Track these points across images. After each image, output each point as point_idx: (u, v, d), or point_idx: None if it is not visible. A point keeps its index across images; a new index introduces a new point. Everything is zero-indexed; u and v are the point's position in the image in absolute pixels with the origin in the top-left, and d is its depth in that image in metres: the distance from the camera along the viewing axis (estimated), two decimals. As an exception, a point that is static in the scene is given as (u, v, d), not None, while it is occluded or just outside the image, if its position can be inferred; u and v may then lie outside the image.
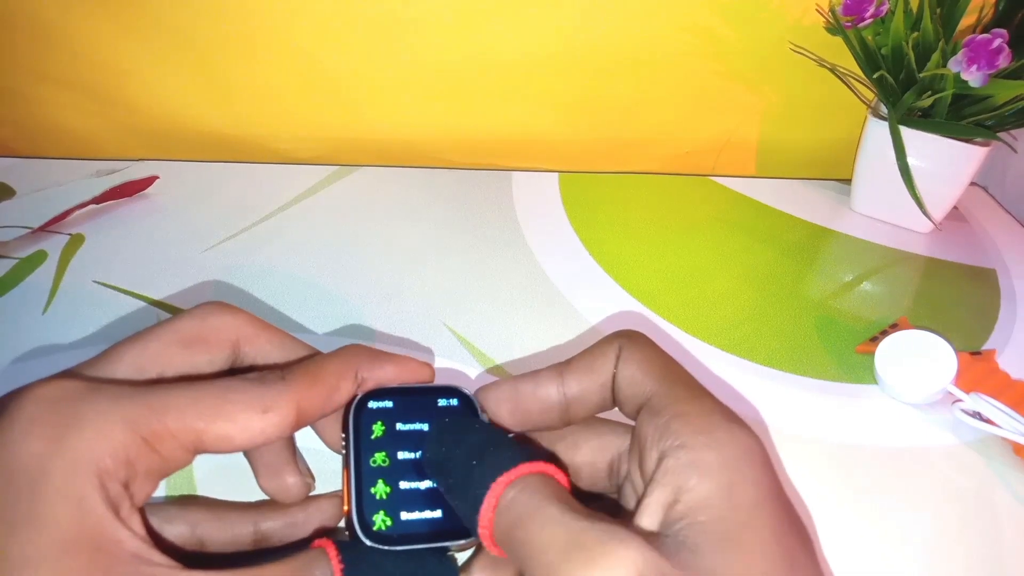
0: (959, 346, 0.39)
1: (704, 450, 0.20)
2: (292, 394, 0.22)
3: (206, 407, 0.20)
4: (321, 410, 0.23)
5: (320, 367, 0.23)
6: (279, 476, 0.25)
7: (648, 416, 0.22)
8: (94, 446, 0.19)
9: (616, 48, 0.59)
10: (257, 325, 0.25)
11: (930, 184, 0.51)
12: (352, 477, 0.23)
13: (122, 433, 0.19)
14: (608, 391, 0.24)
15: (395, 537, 0.22)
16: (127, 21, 0.57)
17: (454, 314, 0.44)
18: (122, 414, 0.19)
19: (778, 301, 0.47)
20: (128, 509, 0.19)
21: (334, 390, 0.23)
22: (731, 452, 0.20)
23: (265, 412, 0.21)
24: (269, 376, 0.22)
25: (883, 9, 0.47)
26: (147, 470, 0.20)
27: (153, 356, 0.23)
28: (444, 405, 0.25)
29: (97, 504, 0.18)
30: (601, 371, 0.24)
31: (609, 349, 0.24)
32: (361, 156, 0.62)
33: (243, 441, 0.21)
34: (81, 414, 0.19)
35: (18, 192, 0.54)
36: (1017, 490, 0.35)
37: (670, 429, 0.21)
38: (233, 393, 0.21)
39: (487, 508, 0.20)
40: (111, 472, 0.19)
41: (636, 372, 0.23)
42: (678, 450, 0.20)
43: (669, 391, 0.22)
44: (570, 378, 0.25)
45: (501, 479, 0.20)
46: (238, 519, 0.25)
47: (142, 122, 0.62)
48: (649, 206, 0.57)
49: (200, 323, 0.24)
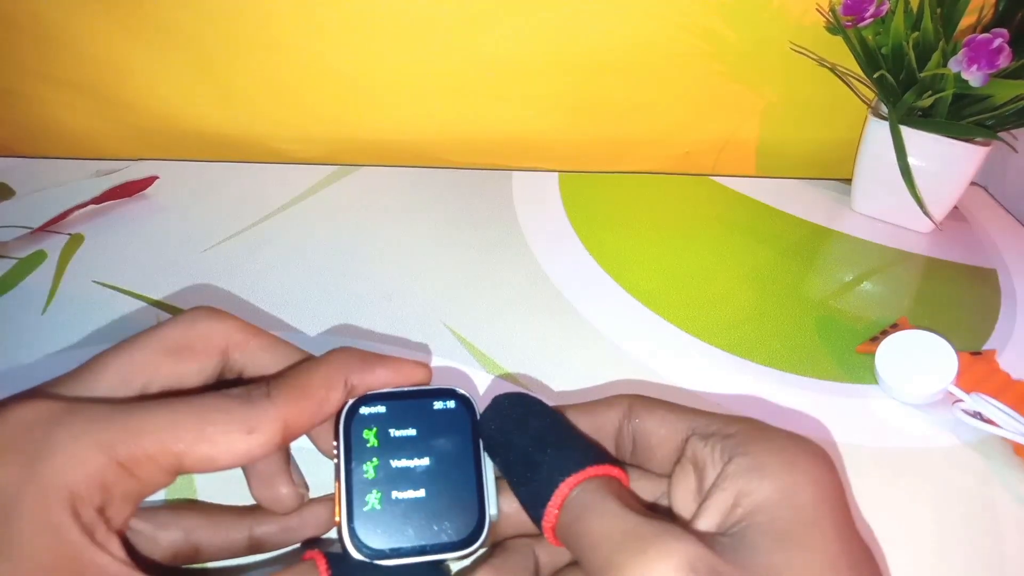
0: (959, 346, 0.39)
1: (765, 454, 0.20)
2: (278, 411, 0.21)
3: (186, 429, 0.20)
4: (310, 424, 0.22)
5: (308, 378, 0.23)
6: (272, 486, 0.25)
7: (701, 440, 0.22)
8: (67, 472, 0.18)
9: (616, 48, 0.59)
10: (247, 331, 0.25)
11: (930, 184, 0.51)
12: (343, 488, 0.22)
13: (96, 458, 0.19)
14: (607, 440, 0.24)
15: (386, 551, 0.22)
16: (127, 21, 0.57)
17: (454, 314, 0.44)
18: (97, 438, 0.19)
19: (778, 301, 0.47)
20: (104, 533, 0.19)
21: (322, 402, 0.23)
22: (791, 455, 0.20)
23: (250, 433, 0.20)
24: (254, 392, 0.22)
25: (883, 9, 0.47)
26: (124, 494, 0.20)
27: (139, 366, 0.22)
28: (440, 408, 0.25)
29: (72, 531, 0.18)
30: (602, 419, 0.24)
31: (616, 403, 0.24)
32: (361, 156, 0.62)
33: (227, 462, 0.21)
34: (54, 439, 0.19)
35: (18, 192, 0.54)
36: (1017, 490, 0.35)
37: (730, 441, 0.21)
38: (215, 413, 0.20)
39: (554, 504, 0.21)
40: (85, 498, 0.18)
41: (665, 416, 0.23)
42: (740, 457, 0.20)
43: (712, 420, 0.22)
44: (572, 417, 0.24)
45: (570, 479, 0.21)
46: (232, 524, 0.25)
47: (142, 122, 0.62)
48: (649, 206, 0.57)
49: (187, 330, 0.24)
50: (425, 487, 0.23)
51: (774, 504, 0.19)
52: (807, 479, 0.20)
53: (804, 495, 0.19)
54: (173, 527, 0.24)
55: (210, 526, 0.24)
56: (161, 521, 0.23)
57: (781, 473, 0.20)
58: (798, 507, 0.19)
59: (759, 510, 0.19)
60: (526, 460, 0.22)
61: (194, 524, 0.24)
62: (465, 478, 0.23)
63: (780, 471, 0.20)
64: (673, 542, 0.18)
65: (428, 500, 0.23)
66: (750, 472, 0.20)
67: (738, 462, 0.20)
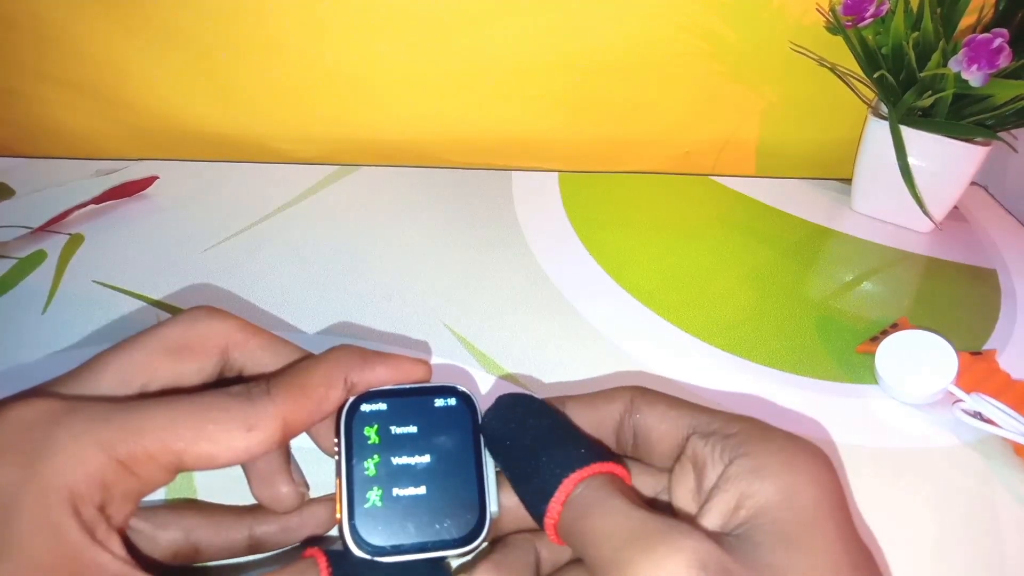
0: (960, 346, 0.39)
1: (766, 456, 0.20)
2: (278, 409, 0.21)
3: (186, 427, 0.20)
4: (310, 421, 0.22)
5: (307, 376, 0.23)
6: (272, 485, 0.25)
7: (701, 439, 0.22)
8: (67, 471, 0.18)
9: (616, 48, 0.59)
10: (246, 330, 0.25)
11: (930, 184, 0.51)
12: (344, 485, 0.23)
13: (96, 457, 0.19)
14: (608, 433, 0.24)
15: (387, 548, 0.22)
16: (128, 21, 0.57)
17: (454, 314, 0.44)
18: (96, 437, 0.19)
19: (778, 301, 0.47)
20: (105, 531, 0.19)
21: (322, 400, 0.23)
22: (791, 455, 0.20)
23: (250, 430, 0.20)
24: (254, 390, 0.22)
25: (883, 9, 0.47)
26: (124, 492, 0.20)
27: (139, 366, 0.22)
28: (441, 405, 0.25)
29: (72, 530, 0.18)
30: (603, 412, 0.24)
31: (618, 396, 0.24)
32: (361, 156, 0.62)
33: (227, 460, 0.21)
34: (54, 438, 0.19)
35: (18, 192, 0.54)
36: (1017, 490, 0.35)
37: (731, 442, 0.21)
38: (215, 411, 0.20)
39: (556, 501, 0.20)
40: (85, 497, 0.18)
41: (667, 412, 0.23)
42: (742, 458, 0.20)
43: (713, 418, 0.22)
44: (573, 410, 0.24)
45: (574, 475, 0.21)
46: (233, 524, 0.25)
47: (142, 122, 0.62)
48: (649, 206, 0.57)
49: (187, 330, 0.24)
50: (426, 484, 0.23)
51: (775, 506, 0.19)
52: (806, 479, 0.20)
53: (804, 496, 0.19)
54: (173, 527, 0.24)
55: (210, 526, 0.24)
56: (161, 521, 0.23)
57: (781, 474, 0.20)
58: (799, 508, 0.19)
59: (761, 511, 0.19)
60: (528, 457, 0.22)
61: (194, 524, 0.24)
62: (466, 475, 0.23)
63: (780, 472, 0.20)
64: (683, 539, 0.18)
65: (429, 497, 0.23)
66: (751, 474, 0.20)
67: (739, 463, 0.20)
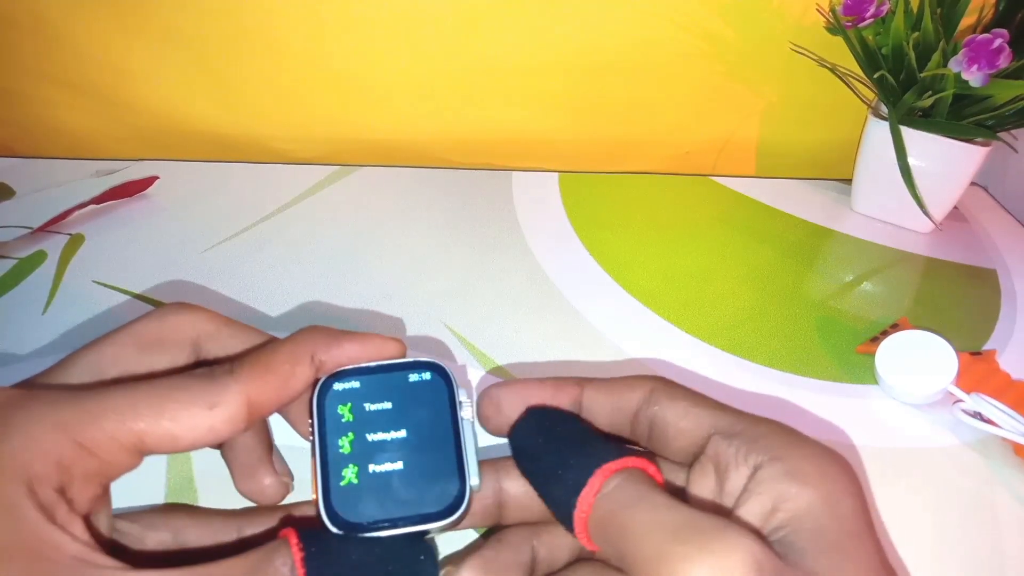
0: (959, 346, 0.39)
1: (800, 460, 0.20)
2: (241, 386, 0.21)
3: (147, 407, 0.20)
4: (276, 400, 0.22)
5: (271, 355, 0.23)
6: (255, 477, 0.25)
7: (724, 440, 0.21)
8: (22, 453, 0.18)
9: (616, 48, 0.59)
10: (217, 321, 0.25)
11: (930, 184, 0.51)
12: (318, 464, 0.22)
13: (53, 437, 0.19)
14: (624, 421, 0.24)
15: (364, 524, 0.22)
16: (127, 21, 0.57)
17: (454, 314, 0.44)
18: (55, 419, 0.19)
19: (778, 301, 0.47)
20: (66, 514, 0.19)
21: (288, 376, 0.22)
22: (826, 464, 0.20)
23: (212, 408, 0.20)
24: (217, 370, 0.21)
25: (883, 9, 0.47)
26: (85, 474, 0.19)
27: (110, 359, 0.22)
28: (416, 380, 0.24)
29: (28, 511, 0.18)
30: (622, 399, 0.24)
31: (638, 385, 0.24)
32: (361, 156, 0.62)
33: (191, 440, 0.20)
34: (12, 422, 0.19)
35: (18, 192, 0.54)
36: (1017, 490, 0.35)
37: (758, 445, 0.20)
38: (176, 391, 0.20)
39: (588, 492, 0.20)
40: (42, 477, 0.18)
41: (688, 409, 0.23)
42: (774, 462, 0.20)
43: (737, 419, 0.22)
44: (590, 393, 0.24)
45: (607, 466, 0.20)
46: (221, 526, 0.24)
47: (142, 122, 0.62)
48: (649, 206, 0.57)
49: (158, 324, 0.24)
50: (403, 459, 0.23)
51: (819, 512, 0.19)
52: (845, 490, 0.19)
53: (845, 505, 0.19)
54: (162, 528, 0.23)
55: (199, 527, 0.24)
56: (149, 522, 0.23)
57: (822, 482, 0.19)
58: (842, 517, 0.19)
59: (803, 516, 0.19)
60: (555, 455, 0.21)
61: (182, 524, 0.24)
62: (445, 449, 0.23)
63: (820, 480, 0.19)
64: (740, 537, 0.17)
65: (407, 472, 0.23)
66: (787, 477, 0.19)
67: (771, 467, 0.20)
